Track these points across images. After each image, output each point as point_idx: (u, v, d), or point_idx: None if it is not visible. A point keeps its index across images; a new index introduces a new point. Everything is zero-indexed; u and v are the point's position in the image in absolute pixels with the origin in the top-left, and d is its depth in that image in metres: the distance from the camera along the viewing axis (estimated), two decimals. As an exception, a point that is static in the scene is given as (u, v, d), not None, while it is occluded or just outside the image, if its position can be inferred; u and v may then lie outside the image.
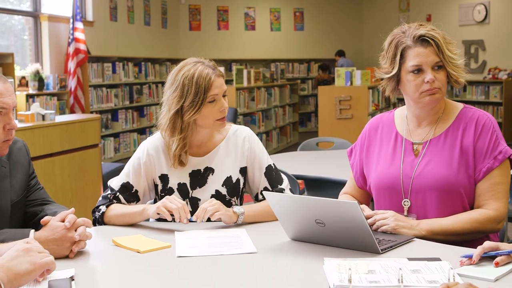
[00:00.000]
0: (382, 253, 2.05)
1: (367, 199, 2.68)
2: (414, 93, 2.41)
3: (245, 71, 10.59)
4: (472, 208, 2.39)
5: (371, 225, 2.22)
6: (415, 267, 1.86)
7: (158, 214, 2.41)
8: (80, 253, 2.11)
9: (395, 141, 2.54)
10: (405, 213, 2.43)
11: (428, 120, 2.49)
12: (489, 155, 2.36)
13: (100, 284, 1.90)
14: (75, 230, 2.09)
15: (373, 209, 2.47)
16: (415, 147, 2.49)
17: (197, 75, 2.51)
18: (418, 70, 2.38)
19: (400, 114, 2.60)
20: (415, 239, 2.22)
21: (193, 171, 2.63)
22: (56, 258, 1.97)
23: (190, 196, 2.62)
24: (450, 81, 2.42)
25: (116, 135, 10.81)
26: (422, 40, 2.37)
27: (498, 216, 2.32)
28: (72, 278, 1.83)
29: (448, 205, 2.36)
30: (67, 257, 2.07)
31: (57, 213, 2.17)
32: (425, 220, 2.33)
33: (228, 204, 2.60)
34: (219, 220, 2.42)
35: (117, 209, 2.55)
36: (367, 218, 2.24)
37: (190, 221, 2.41)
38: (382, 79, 2.52)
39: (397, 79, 2.46)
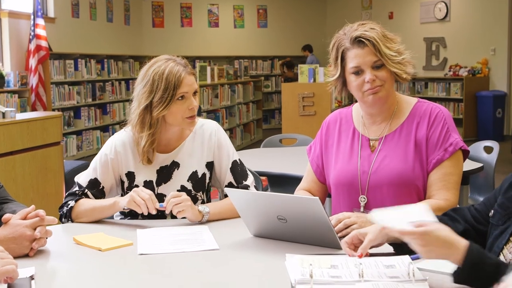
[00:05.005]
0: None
1: (324, 194, 2.68)
2: (358, 93, 2.45)
3: (208, 68, 10.58)
4: None
5: (335, 226, 2.19)
6: (376, 262, 1.88)
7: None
8: (40, 251, 2.09)
9: (353, 137, 2.56)
10: (362, 209, 2.44)
11: (382, 116, 2.51)
12: (440, 147, 2.39)
13: (60, 283, 1.88)
14: (35, 229, 2.06)
15: (330, 205, 2.46)
16: (371, 143, 2.51)
17: (168, 71, 2.50)
18: (358, 72, 2.41)
19: (356, 110, 2.62)
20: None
21: (160, 167, 2.62)
22: (16, 257, 1.95)
23: (156, 193, 2.59)
24: (396, 78, 2.44)
25: (78, 133, 10.71)
26: (358, 41, 2.39)
27: (448, 206, 2.31)
28: (32, 277, 1.80)
29: (405, 199, 2.35)
30: (27, 255, 2.04)
31: (17, 212, 2.13)
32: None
33: (194, 199, 2.59)
34: (183, 217, 2.41)
35: (87, 204, 2.51)
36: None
37: (161, 206, 2.39)
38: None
39: (342, 80, 2.49)
